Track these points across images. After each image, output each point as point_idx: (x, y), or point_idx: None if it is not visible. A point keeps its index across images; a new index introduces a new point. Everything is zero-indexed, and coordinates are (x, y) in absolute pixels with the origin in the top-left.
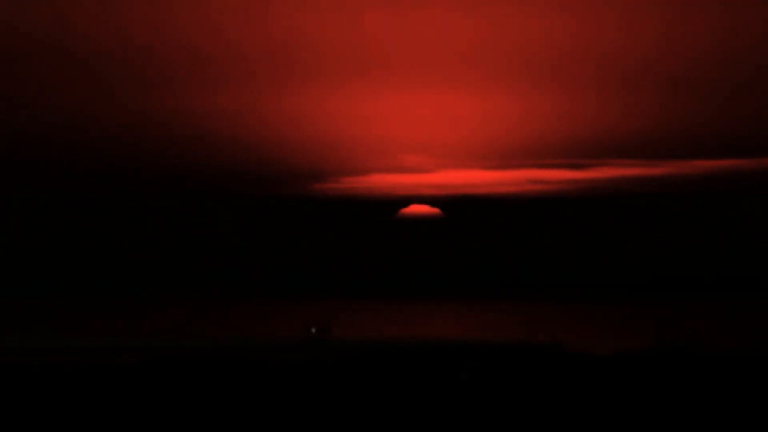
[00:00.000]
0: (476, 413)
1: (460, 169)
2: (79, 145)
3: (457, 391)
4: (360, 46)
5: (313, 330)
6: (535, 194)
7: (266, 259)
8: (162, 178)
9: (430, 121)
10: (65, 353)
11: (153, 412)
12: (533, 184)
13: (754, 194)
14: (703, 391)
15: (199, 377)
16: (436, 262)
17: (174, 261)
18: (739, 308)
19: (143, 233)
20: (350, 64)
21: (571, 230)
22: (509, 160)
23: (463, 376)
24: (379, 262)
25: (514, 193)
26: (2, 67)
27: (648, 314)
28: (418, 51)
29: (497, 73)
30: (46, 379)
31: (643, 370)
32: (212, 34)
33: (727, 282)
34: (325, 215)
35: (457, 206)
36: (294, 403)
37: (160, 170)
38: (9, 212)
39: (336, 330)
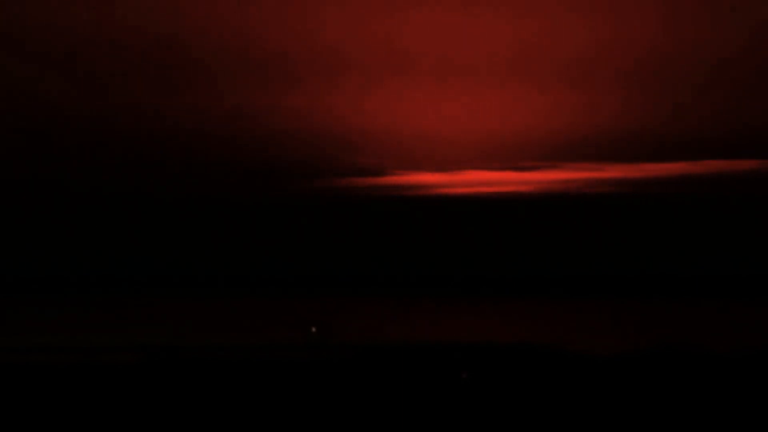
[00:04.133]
0: (476, 413)
1: (413, 171)
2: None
3: (457, 391)
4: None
5: (314, 330)
6: (487, 196)
7: (266, 259)
8: (160, 177)
9: (385, 121)
10: (65, 353)
11: (153, 412)
12: (486, 186)
13: (703, 197)
14: (703, 391)
15: (199, 377)
16: (437, 262)
17: (174, 260)
18: (739, 308)
19: (143, 232)
20: (305, 64)
21: (542, 230)
22: (464, 162)
23: (463, 376)
24: (379, 261)
25: (468, 195)
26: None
27: (643, 314)
28: (370, 50)
29: (448, 73)
30: (46, 379)
31: (643, 370)
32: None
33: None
34: (326, 214)
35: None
36: (294, 404)
37: (156, 168)
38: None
39: (336, 330)
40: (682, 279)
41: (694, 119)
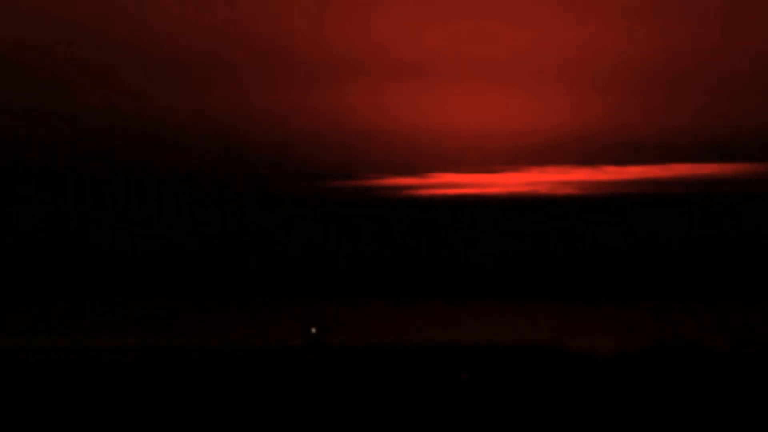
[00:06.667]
0: (476, 413)
1: (385, 174)
2: None
3: (457, 392)
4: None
5: (314, 330)
6: (458, 197)
7: (266, 258)
8: (162, 177)
9: (355, 123)
10: (65, 353)
11: (153, 412)
12: (457, 188)
13: (669, 200)
14: (702, 391)
15: (199, 377)
16: (437, 262)
17: (174, 260)
18: (739, 308)
19: (143, 232)
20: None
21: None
22: (432, 165)
23: (463, 376)
24: (379, 261)
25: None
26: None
27: (641, 314)
28: (347, 55)
29: (415, 76)
30: (46, 379)
31: (643, 370)
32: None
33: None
34: (326, 214)
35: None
36: (294, 404)
37: (159, 168)
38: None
39: (336, 330)
40: (675, 279)
41: (658, 123)
